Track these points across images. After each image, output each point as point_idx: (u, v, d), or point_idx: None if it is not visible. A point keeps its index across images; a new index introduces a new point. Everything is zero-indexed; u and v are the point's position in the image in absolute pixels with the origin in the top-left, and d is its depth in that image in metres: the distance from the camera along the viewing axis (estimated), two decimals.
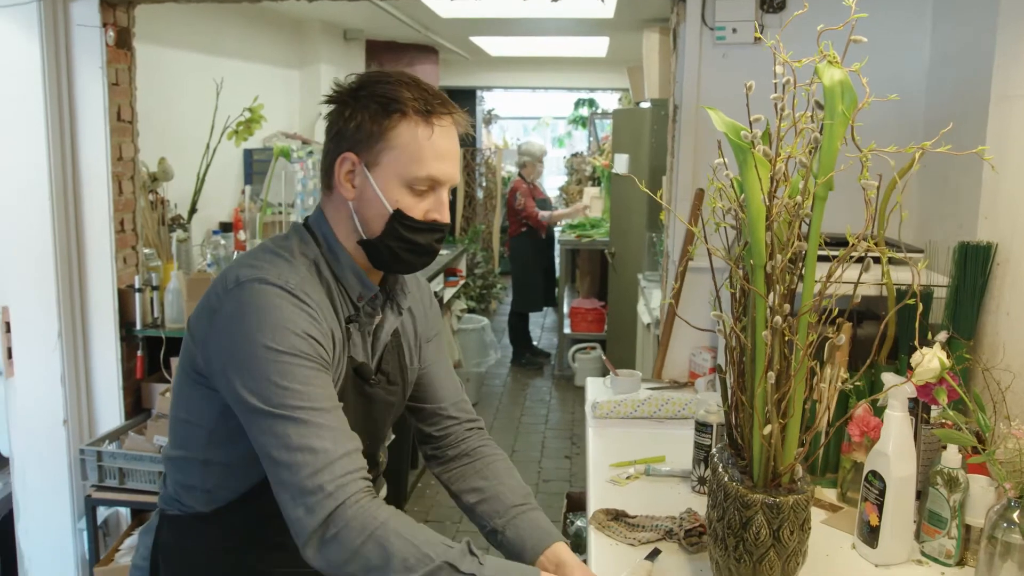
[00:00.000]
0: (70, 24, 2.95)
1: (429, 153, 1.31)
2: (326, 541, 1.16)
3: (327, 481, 1.17)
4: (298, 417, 1.20)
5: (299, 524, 1.18)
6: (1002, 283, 1.81)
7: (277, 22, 5.23)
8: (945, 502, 1.58)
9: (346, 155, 1.33)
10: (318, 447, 1.19)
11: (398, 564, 1.15)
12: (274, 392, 1.20)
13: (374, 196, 1.33)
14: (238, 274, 1.28)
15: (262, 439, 1.22)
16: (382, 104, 1.30)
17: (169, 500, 1.43)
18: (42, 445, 3.07)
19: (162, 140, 3.56)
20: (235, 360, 1.23)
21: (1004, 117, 1.85)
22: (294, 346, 1.23)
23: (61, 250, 2.97)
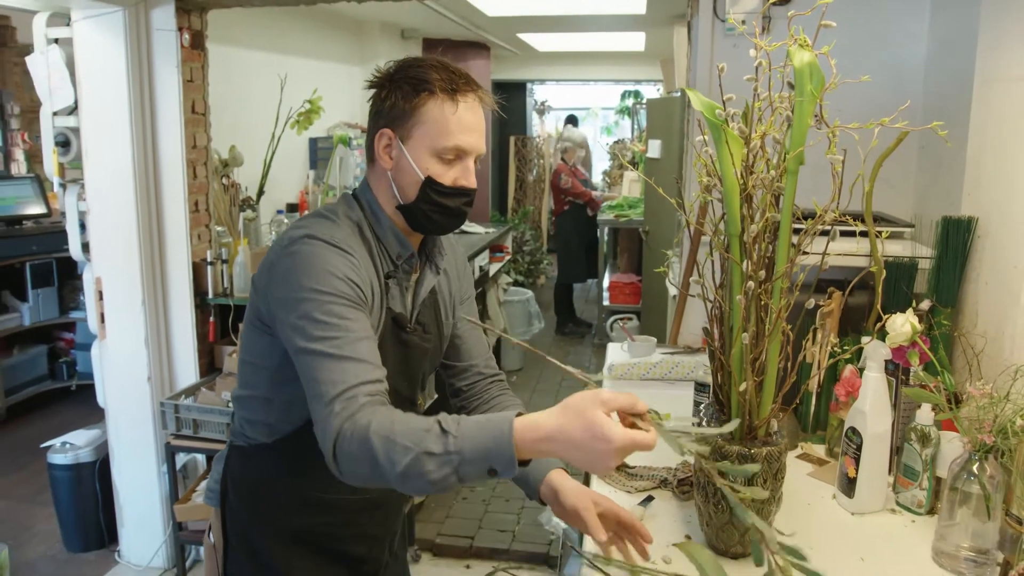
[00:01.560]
0: (151, 29, 3.01)
1: (455, 126, 1.36)
2: (337, 456, 1.16)
3: (338, 404, 1.18)
4: (326, 351, 1.22)
5: (322, 445, 1.19)
6: (981, 255, 1.75)
7: (339, 23, 5.26)
8: (918, 456, 1.55)
9: (384, 131, 1.38)
10: (337, 378, 1.20)
11: (384, 461, 1.12)
12: (315, 327, 1.24)
13: (408, 166, 1.38)
14: (291, 235, 1.34)
15: (303, 375, 1.25)
16: (412, 85, 1.35)
17: (237, 433, 1.49)
18: (131, 399, 3.18)
19: (233, 130, 3.62)
20: (287, 305, 1.28)
21: (986, 100, 1.78)
22: (334, 287, 1.27)
23: (144, 228, 3.05)
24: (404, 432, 1.13)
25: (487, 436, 1.12)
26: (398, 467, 1.11)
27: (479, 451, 1.11)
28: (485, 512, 3.80)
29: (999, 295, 1.67)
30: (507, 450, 1.10)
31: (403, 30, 6.17)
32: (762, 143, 1.30)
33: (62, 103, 3.03)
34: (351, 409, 1.18)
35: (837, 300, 1.86)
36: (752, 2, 2.54)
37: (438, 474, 1.11)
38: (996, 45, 1.73)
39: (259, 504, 1.47)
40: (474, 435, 1.12)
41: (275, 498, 1.46)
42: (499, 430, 1.12)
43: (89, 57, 2.96)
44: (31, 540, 3.53)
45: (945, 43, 2.32)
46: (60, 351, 5.26)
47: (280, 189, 4.12)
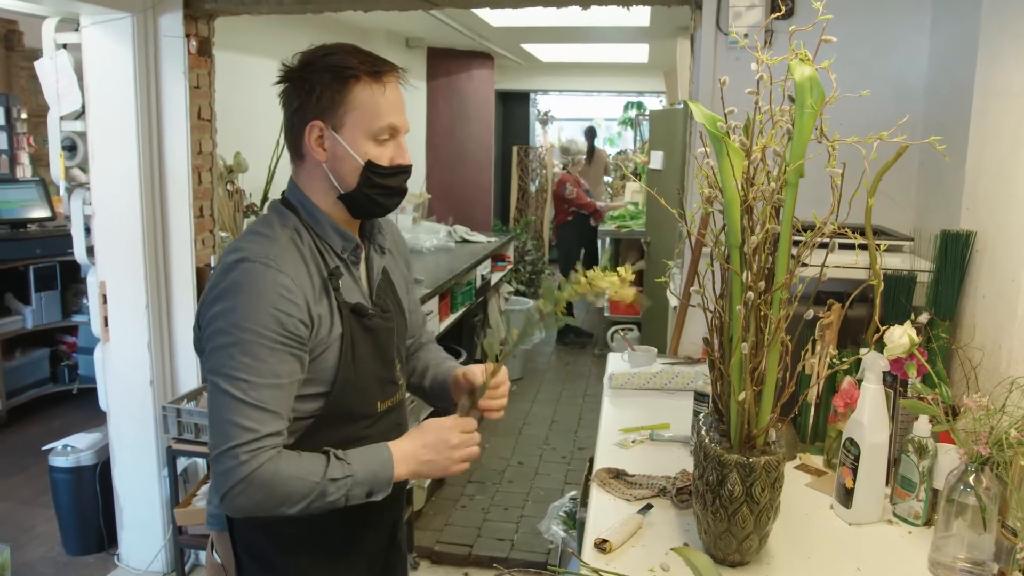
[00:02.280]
0: (158, 35, 3.03)
1: (385, 107, 1.38)
2: (234, 496, 1.28)
3: (243, 452, 1.27)
4: (236, 394, 1.28)
5: (218, 480, 1.29)
6: (979, 269, 1.77)
7: (345, 31, 5.29)
8: (915, 468, 1.56)
9: (313, 123, 1.37)
10: (245, 424, 1.28)
11: (293, 500, 1.30)
12: (228, 365, 1.28)
13: (345, 153, 1.38)
14: (225, 260, 1.34)
15: (209, 401, 1.32)
16: (336, 73, 1.35)
17: None
18: (133, 402, 3.19)
19: (238, 136, 3.64)
20: (210, 328, 1.31)
21: (985, 114, 1.80)
22: (263, 324, 1.29)
23: (148, 233, 3.07)
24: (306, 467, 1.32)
25: (374, 460, 1.37)
26: (305, 500, 1.30)
27: (368, 474, 1.35)
28: (484, 520, 3.81)
29: (997, 309, 1.69)
30: (388, 471, 1.37)
31: (408, 39, 6.21)
32: (763, 155, 1.32)
33: (69, 107, 3.06)
34: (258, 460, 1.27)
35: (836, 312, 1.87)
36: (754, 16, 2.57)
37: (334, 496, 1.32)
38: (995, 60, 1.75)
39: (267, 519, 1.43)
40: (364, 460, 1.37)
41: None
42: (383, 455, 1.39)
43: (97, 62, 2.98)
44: (31, 542, 3.54)
45: (945, 58, 2.34)
46: (62, 354, 5.27)
47: None
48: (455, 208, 6.93)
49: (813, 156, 1.26)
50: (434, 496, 4.02)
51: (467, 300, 4.83)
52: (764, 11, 2.54)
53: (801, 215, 1.35)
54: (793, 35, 1.25)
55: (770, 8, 2.54)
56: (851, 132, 1.30)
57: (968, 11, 2.06)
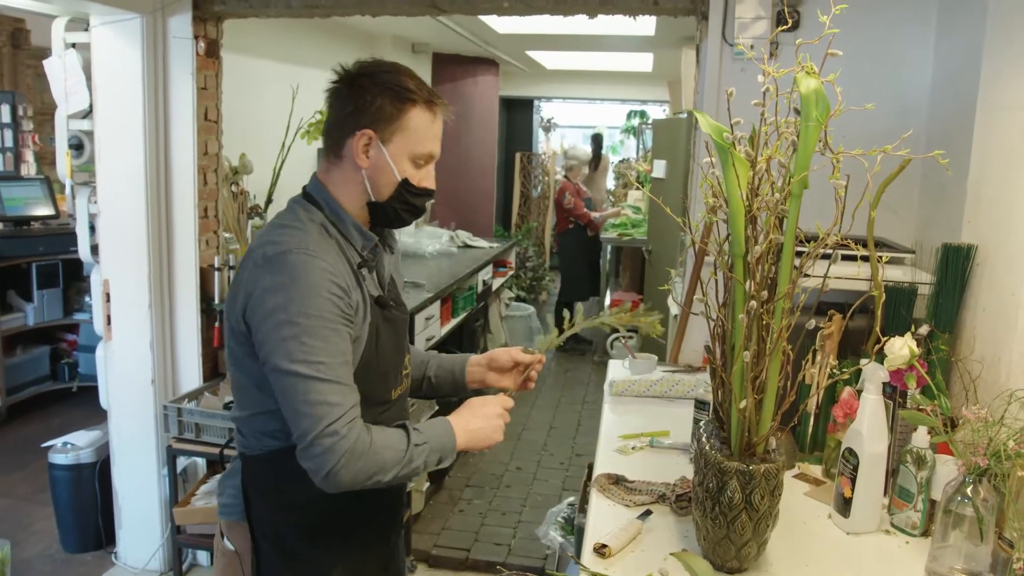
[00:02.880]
0: (167, 36, 3.05)
1: (430, 135, 1.48)
2: (336, 472, 1.33)
3: (341, 427, 1.33)
4: (316, 375, 1.33)
5: (317, 462, 1.33)
6: (980, 282, 1.78)
7: (352, 36, 5.32)
8: (913, 478, 1.57)
9: (365, 131, 1.43)
10: (334, 401, 1.34)
11: (389, 466, 1.38)
12: (300, 351, 1.33)
13: (386, 166, 1.46)
14: (264, 252, 1.38)
15: (286, 393, 1.35)
16: (397, 92, 1.43)
17: (251, 446, 1.53)
18: (133, 401, 3.20)
19: (244, 138, 3.66)
20: (267, 324, 1.34)
21: (988, 128, 1.82)
22: (321, 308, 1.35)
23: (153, 232, 3.08)
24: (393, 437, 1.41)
25: (441, 432, 1.48)
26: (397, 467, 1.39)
27: (439, 443, 1.46)
28: (481, 525, 3.82)
29: (996, 322, 1.70)
30: (452, 440, 1.48)
31: (414, 44, 6.24)
32: (767, 166, 1.33)
33: (77, 106, 3.07)
34: (354, 432, 1.34)
35: (837, 323, 1.89)
36: (760, 28, 2.59)
37: (418, 461, 1.42)
38: (999, 75, 1.77)
39: (285, 503, 1.52)
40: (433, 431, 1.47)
41: (299, 494, 1.50)
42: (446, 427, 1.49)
43: (106, 62, 3.00)
44: (29, 539, 3.55)
45: (949, 72, 2.36)
46: (63, 352, 5.28)
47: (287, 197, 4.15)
48: (458, 213, 6.95)
49: (817, 168, 1.28)
50: (432, 500, 4.02)
51: (468, 305, 4.84)
52: (770, 23, 2.56)
53: (804, 226, 1.36)
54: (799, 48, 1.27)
55: (776, 20, 2.56)
56: (855, 144, 1.32)
57: (972, 26, 2.08)
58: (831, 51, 1.27)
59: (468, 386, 1.78)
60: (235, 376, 1.51)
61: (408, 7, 2.95)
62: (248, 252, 1.44)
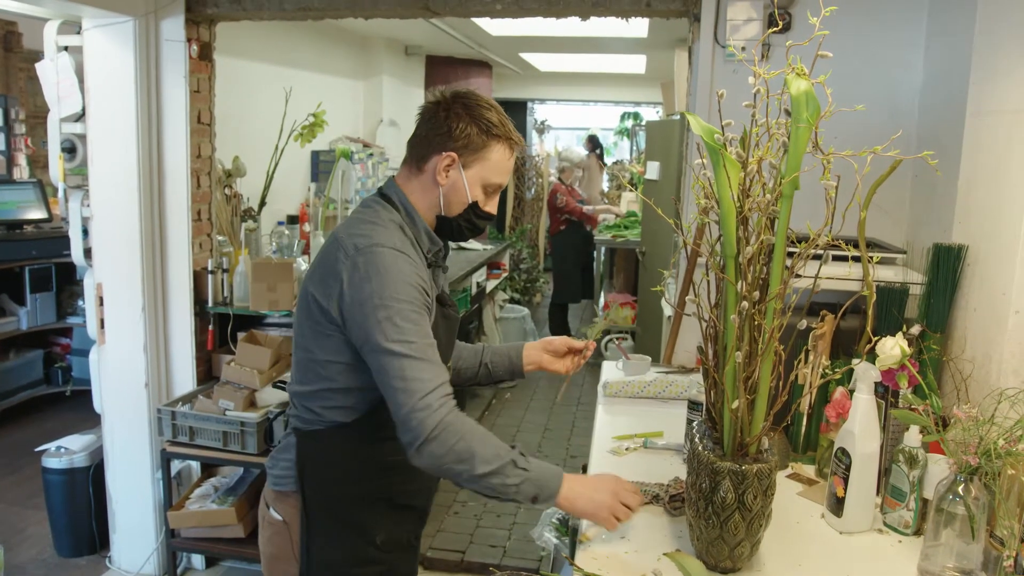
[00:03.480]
0: (160, 39, 3.05)
1: (504, 168, 1.65)
2: (429, 442, 1.43)
3: (434, 400, 1.44)
4: (410, 353, 1.46)
5: (413, 433, 1.44)
6: (971, 282, 1.79)
7: (345, 38, 5.32)
8: (906, 478, 1.58)
9: (450, 153, 1.59)
10: (425, 377, 1.46)
11: (480, 460, 1.44)
12: (394, 332, 1.46)
13: (462, 188, 1.62)
14: (355, 243, 1.53)
15: (384, 371, 1.47)
16: (486, 126, 1.60)
17: (308, 421, 1.64)
18: (127, 404, 3.19)
19: (237, 141, 3.66)
20: (364, 308, 1.48)
21: (977, 131, 1.82)
22: (409, 294, 1.49)
23: (146, 235, 3.08)
24: (497, 444, 1.48)
25: (548, 473, 1.51)
26: (488, 466, 1.44)
27: (541, 480, 1.49)
28: (476, 527, 3.82)
29: (987, 322, 1.71)
30: (556, 488, 1.50)
31: (407, 47, 6.24)
32: (759, 168, 1.34)
33: (70, 110, 3.07)
34: (448, 407, 1.46)
35: (830, 323, 1.90)
36: (752, 30, 2.59)
37: (511, 481, 1.46)
38: (988, 78, 1.78)
39: (340, 475, 1.65)
40: (541, 467, 1.51)
41: (358, 467, 1.65)
42: (556, 473, 1.53)
43: (98, 65, 3.00)
44: (22, 544, 3.53)
45: (939, 74, 2.37)
46: (56, 356, 5.27)
47: (281, 200, 4.16)
48: None
49: (808, 169, 1.28)
50: None
51: (463, 307, 4.85)
52: (762, 25, 2.57)
53: (796, 227, 1.37)
54: (789, 49, 1.28)
55: (767, 22, 2.57)
56: (846, 145, 1.32)
57: (961, 29, 2.09)
58: (821, 52, 1.28)
59: (524, 368, 1.94)
60: (304, 353, 1.63)
61: (400, 9, 2.95)
62: (334, 241, 1.57)
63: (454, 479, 1.46)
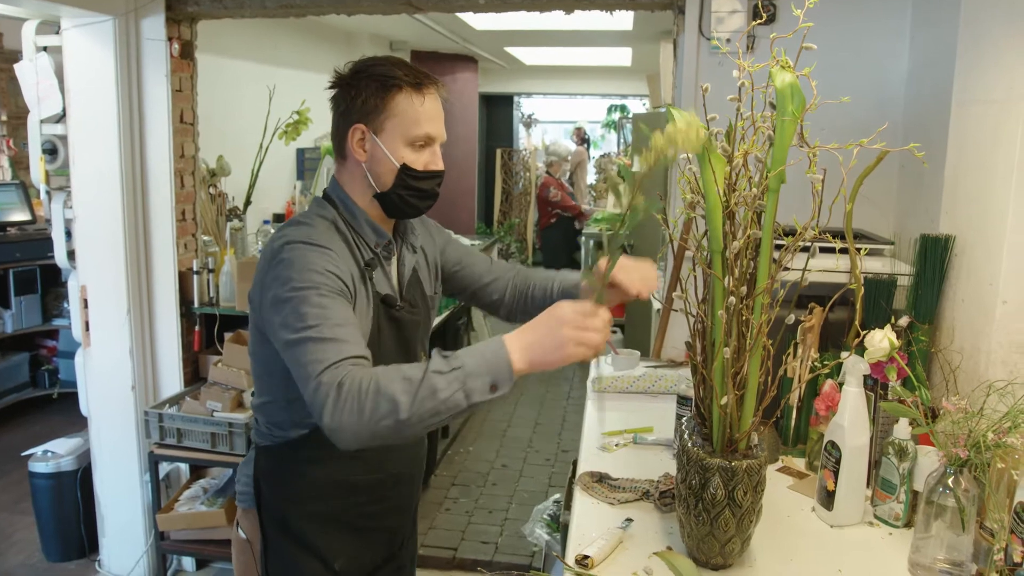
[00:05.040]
0: (140, 38, 3.02)
1: (423, 116, 1.49)
2: (335, 413, 1.22)
3: (327, 376, 1.25)
4: (309, 336, 1.30)
5: (318, 415, 1.24)
6: (958, 272, 1.78)
7: (329, 34, 5.28)
8: (895, 470, 1.57)
9: (356, 126, 1.48)
10: (324, 357, 1.28)
11: (400, 396, 1.21)
12: (298, 319, 1.32)
13: (383, 156, 1.49)
14: (272, 246, 1.44)
15: (292, 366, 1.33)
16: (381, 81, 1.46)
17: (263, 435, 1.58)
18: (114, 407, 3.17)
19: (221, 140, 3.62)
20: (274, 307, 1.37)
21: (963, 120, 1.82)
22: (312, 280, 1.36)
23: (130, 237, 3.05)
24: (404, 369, 1.25)
25: (487, 350, 1.26)
26: (408, 397, 1.21)
27: (481, 363, 1.24)
28: (468, 523, 3.81)
29: (974, 312, 1.71)
30: (504, 359, 1.24)
31: (392, 42, 6.20)
32: (744, 162, 1.33)
33: (50, 111, 3.03)
34: (339, 375, 1.25)
35: (818, 315, 1.89)
36: (737, 21, 2.58)
37: (447, 391, 1.22)
38: (973, 68, 1.77)
39: (293, 495, 1.57)
40: (471, 352, 1.27)
41: (308, 486, 1.56)
42: (495, 344, 1.26)
43: (78, 65, 2.96)
44: (10, 549, 3.50)
45: (924, 64, 2.37)
46: (42, 359, 5.22)
47: (267, 199, 4.12)
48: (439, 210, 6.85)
49: (795, 162, 1.27)
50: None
51: (451, 303, 4.82)
52: (746, 17, 2.56)
53: (783, 220, 1.36)
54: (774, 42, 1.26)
55: (752, 14, 2.56)
56: (832, 137, 1.31)
57: (946, 19, 2.08)
58: (806, 45, 1.26)
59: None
60: (252, 365, 1.57)
61: (383, 5, 2.92)
62: (264, 248, 1.50)
63: (393, 436, 1.24)
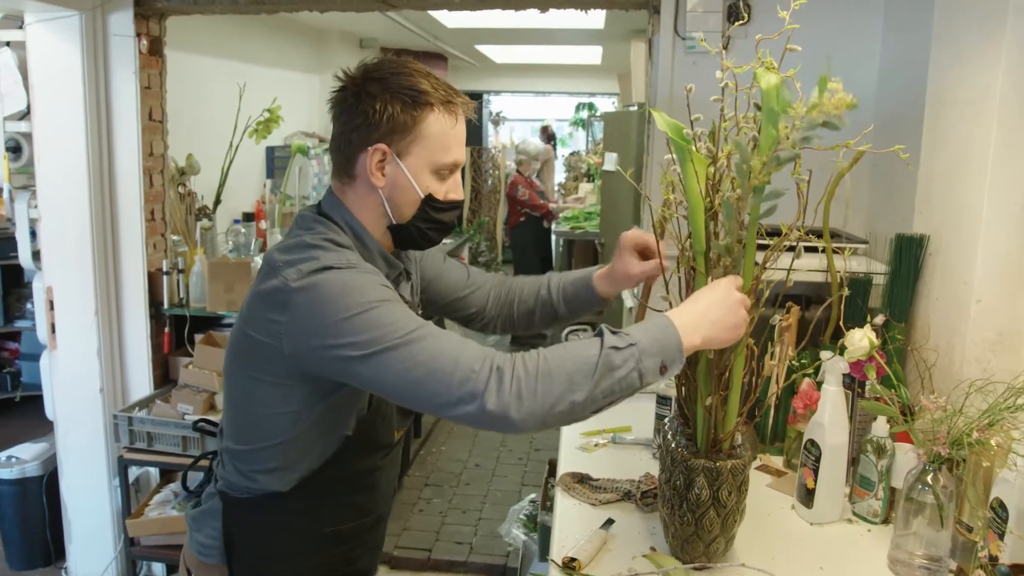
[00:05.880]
0: (108, 34, 2.95)
1: (454, 141, 1.32)
2: (503, 396, 1.10)
3: (473, 362, 1.13)
4: (414, 337, 1.15)
5: (478, 410, 1.11)
6: (932, 271, 1.81)
7: (299, 31, 5.23)
8: (874, 467, 1.59)
9: (378, 146, 1.28)
10: (446, 348, 1.15)
11: (580, 378, 1.12)
12: (383, 333, 1.15)
13: (406, 184, 1.30)
14: (300, 268, 1.21)
15: (390, 377, 1.15)
16: (411, 97, 1.26)
17: (238, 487, 1.39)
18: (81, 411, 3.10)
19: (190, 138, 3.57)
20: (329, 331, 1.17)
21: (937, 121, 1.84)
22: (379, 295, 1.19)
23: (98, 237, 2.99)
24: (575, 347, 1.15)
25: (655, 327, 1.18)
26: (584, 376, 1.11)
27: (653, 342, 1.16)
28: (442, 524, 3.79)
29: (949, 310, 1.73)
30: (675, 337, 1.17)
31: (361, 39, 6.16)
32: (728, 162, 1.33)
33: (13, 107, 2.96)
34: (491, 357, 1.13)
35: (795, 315, 1.90)
36: (713, 21, 2.59)
37: (623, 370, 1.13)
38: (948, 69, 1.80)
39: (278, 552, 1.41)
40: (643, 329, 1.18)
41: (296, 541, 1.41)
42: (662, 322, 1.19)
43: (43, 61, 2.89)
44: None
45: (896, 65, 2.40)
46: (4, 361, 5.11)
47: (236, 198, 4.07)
48: None
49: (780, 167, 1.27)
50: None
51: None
52: (722, 17, 2.58)
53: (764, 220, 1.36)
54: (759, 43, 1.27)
55: (727, 14, 2.58)
56: None
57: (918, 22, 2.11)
58: (790, 47, 1.27)
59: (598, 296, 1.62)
60: (238, 407, 1.37)
61: (358, 3, 2.90)
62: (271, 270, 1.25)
63: (566, 419, 1.13)
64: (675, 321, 1.19)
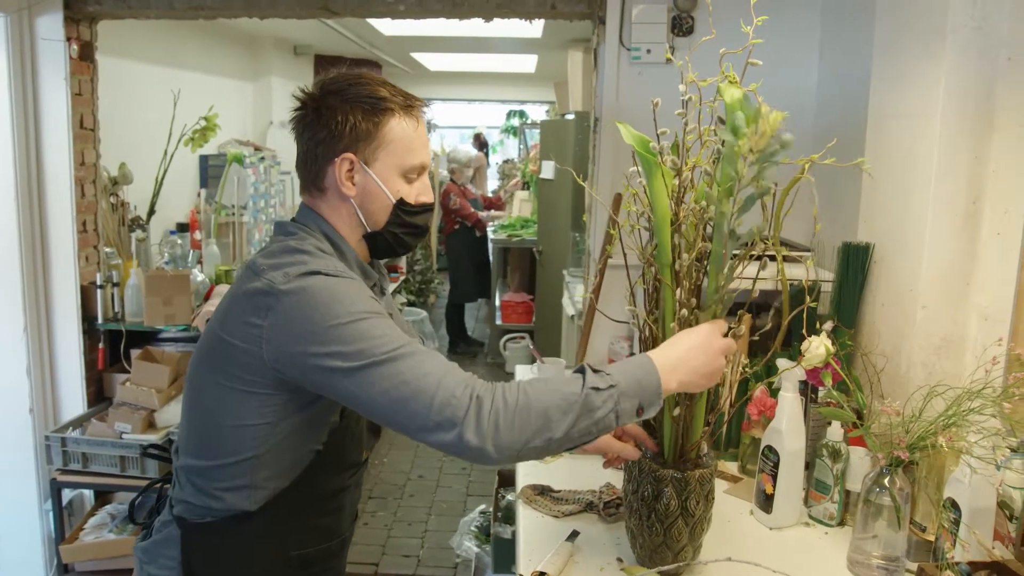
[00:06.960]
0: (35, 38, 2.83)
1: (418, 143, 1.34)
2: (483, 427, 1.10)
3: (455, 387, 1.13)
4: (401, 354, 1.15)
5: (456, 439, 1.10)
6: (878, 278, 1.86)
7: (232, 37, 5.11)
8: (829, 471, 1.63)
9: (345, 156, 1.29)
10: (430, 369, 1.14)
11: (558, 415, 1.12)
12: (370, 346, 1.15)
13: (376, 190, 1.32)
14: (287, 271, 1.21)
15: (373, 392, 1.14)
16: (371, 104, 1.29)
17: (196, 510, 1.33)
18: (9, 432, 2.95)
19: (123, 146, 3.45)
20: (318, 342, 1.16)
21: (880, 134, 1.90)
22: (368, 306, 1.19)
23: (27, 249, 2.86)
24: (555, 384, 1.16)
25: (636, 368, 1.19)
26: (562, 414, 1.12)
27: (633, 382, 1.17)
28: (388, 537, 3.74)
29: (895, 317, 1.78)
30: (655, 379, 1.18)
31: (296, 46, 6.06)
32: (692, 175, 1.35)
33: None
34: (471, 385, 1.13)
35: (747, 323, 1.94)
36: (657, 33, 2.63)
37: (602, 411, 1.14)
38: (890, 84, 1.86)
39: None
40: (623, 370, 1.19)
41: (259, 568, 1.35)
42: (643, 363, 1.20)
43: None
44: None
45: (834, 78, 2.47)
46: None
47: (169, 207, 3.95)
48: None
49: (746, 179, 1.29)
50: None
51: None
52: (666, 28, 2.61)
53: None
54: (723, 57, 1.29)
55: (671, 25, 2.62)
56: None
57: (856, 39, 2.18)
58: (751, 60, 1.29)
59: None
60: (202, 418, 1.31)
61: (299, 10, 2.84)
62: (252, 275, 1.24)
63: (539, 454, 1.15)
64: (655, 362, 1.21)
